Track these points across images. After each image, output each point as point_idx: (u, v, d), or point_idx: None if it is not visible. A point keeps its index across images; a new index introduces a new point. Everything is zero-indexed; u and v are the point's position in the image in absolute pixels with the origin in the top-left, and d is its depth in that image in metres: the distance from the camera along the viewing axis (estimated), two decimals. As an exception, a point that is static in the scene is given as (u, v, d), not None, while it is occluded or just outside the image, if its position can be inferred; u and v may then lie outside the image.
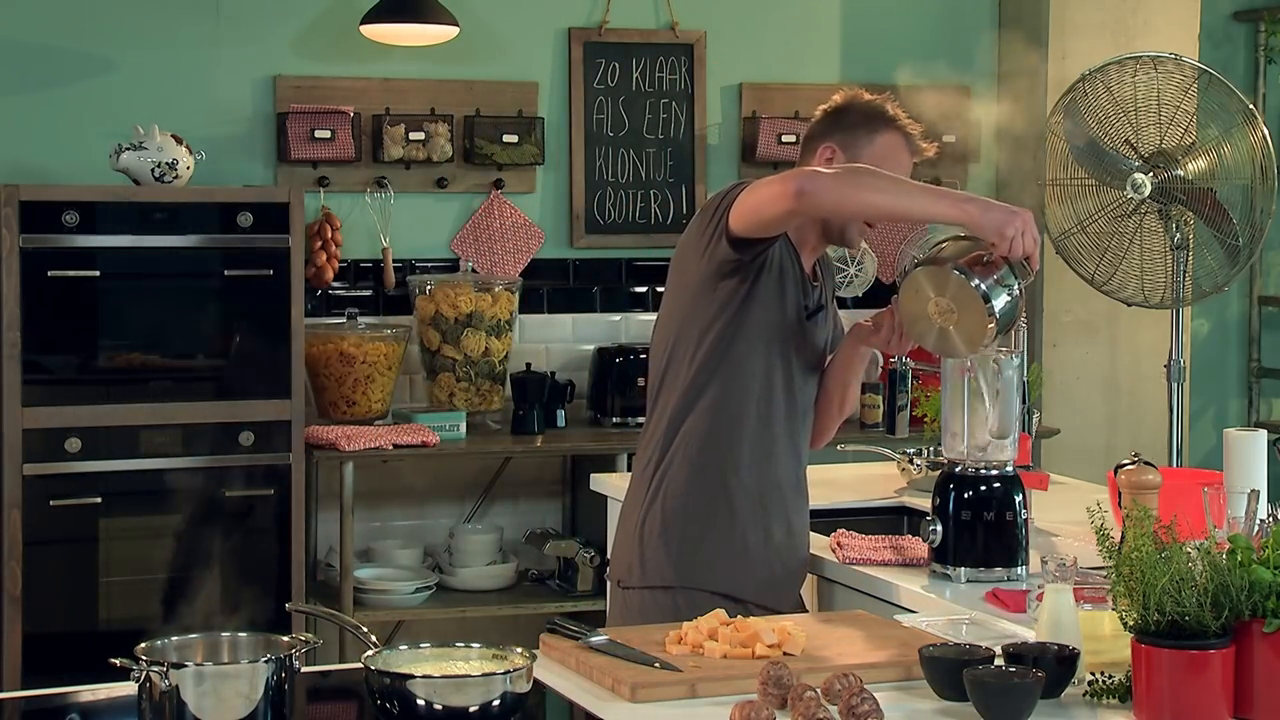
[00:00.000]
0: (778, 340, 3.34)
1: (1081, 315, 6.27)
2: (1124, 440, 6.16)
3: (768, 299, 3.31)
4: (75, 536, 5.13)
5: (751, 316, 3.31)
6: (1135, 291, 5.59)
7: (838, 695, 2.37)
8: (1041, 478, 4.05)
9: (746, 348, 3.31)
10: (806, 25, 6.29)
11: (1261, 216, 5.39)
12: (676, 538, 3.33)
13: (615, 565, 3.43)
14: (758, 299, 3.30)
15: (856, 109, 3.45)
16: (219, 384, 5.24)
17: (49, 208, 5.03)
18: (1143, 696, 2.40)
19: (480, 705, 2.33)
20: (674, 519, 3.33)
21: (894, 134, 3.43)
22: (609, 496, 4.52)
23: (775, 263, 3.32)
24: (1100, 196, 5.53)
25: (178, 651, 2.41)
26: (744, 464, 3.34)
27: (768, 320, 3.32)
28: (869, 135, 3.40)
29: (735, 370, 3.32)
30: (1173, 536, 2.42)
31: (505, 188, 5.93)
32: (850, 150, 3.38)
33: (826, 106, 3.50)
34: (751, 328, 3.31)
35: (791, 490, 3.41)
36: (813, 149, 3.44)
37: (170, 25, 5.64)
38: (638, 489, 3.41)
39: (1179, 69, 5.47)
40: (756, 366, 3.32)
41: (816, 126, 3.48)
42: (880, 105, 3.46)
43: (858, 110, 3.45)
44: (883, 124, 3.42)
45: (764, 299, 3.31)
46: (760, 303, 3.31)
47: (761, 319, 3.31)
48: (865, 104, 3.46)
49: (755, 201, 3.19)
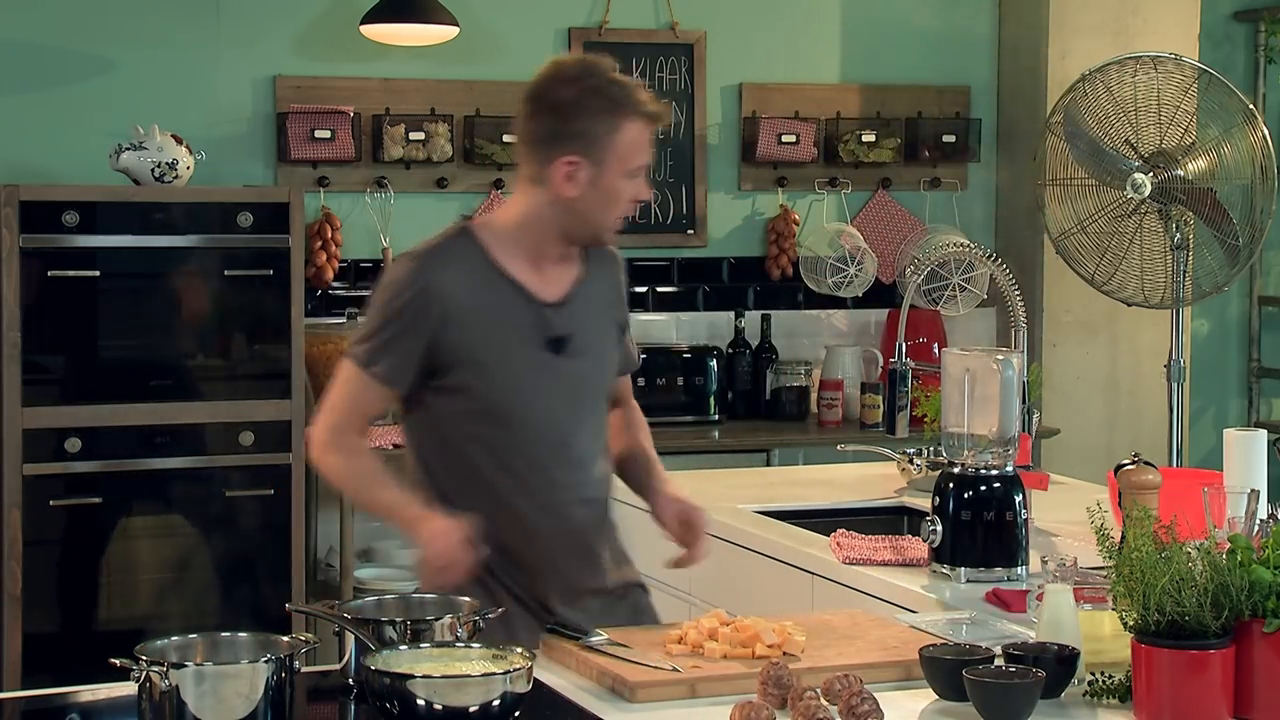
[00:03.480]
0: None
1: (1081, 315, 6.27)
2: (1124, 440, 6.16)
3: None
4: (75, 536, 5.13)
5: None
6: (1135, 291, 5.59)
7: (838, 695, 2.37)
8: (1041, 478, 4.05)
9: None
10: (806, 25, 6.29)
11: (1261, 216, 5.40)
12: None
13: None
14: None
15: (581, 107, 2.99)
16: (219, 384, 5.24)
17: (49, 208, 5.03)
18: (1143, 696, 2.40)
19: (480, 705, 2.33)
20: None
21: (634, 123, 3.01)
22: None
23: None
24: (1100, 196, 5.54)
25: (178, 651, 2.41)
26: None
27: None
28: (611, 135, 2.99)
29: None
30: (1173, 536, 2.42)
31: (505, 188, 5.93)
32: (594, 158, 2.99)
33: (536, 100, 3.05)
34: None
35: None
36: (545, 160, 3.01)
37: (170, 25, 5.64)
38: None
39: (1179, 69, 5.47)
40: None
41: (535, 128, 3.04)
42: (607, 91, 3.00)
43: (584, 108, 2.99)
44: (621, 117, 2.99)
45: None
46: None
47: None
48: (590, 96, 2.99)
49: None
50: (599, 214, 3.05)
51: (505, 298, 3.06)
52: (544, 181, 3.04)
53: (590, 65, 3.06)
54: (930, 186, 6.38)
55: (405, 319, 3.03)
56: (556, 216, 3.05)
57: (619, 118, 3.00)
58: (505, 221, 3.13)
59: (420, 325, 3.02)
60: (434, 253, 3.08)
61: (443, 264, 3.05)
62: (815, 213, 6.29)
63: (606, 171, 3.01)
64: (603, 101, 3.00)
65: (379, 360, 3.05)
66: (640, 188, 3.06)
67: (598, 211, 3.05)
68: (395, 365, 3.04)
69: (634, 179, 3.04)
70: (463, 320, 3.02)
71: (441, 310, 3.01)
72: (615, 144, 3.00)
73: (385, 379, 3.06)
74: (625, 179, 3.03)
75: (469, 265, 3.06)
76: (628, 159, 3.02)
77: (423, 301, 3.02)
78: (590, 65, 3.06)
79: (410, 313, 3.02)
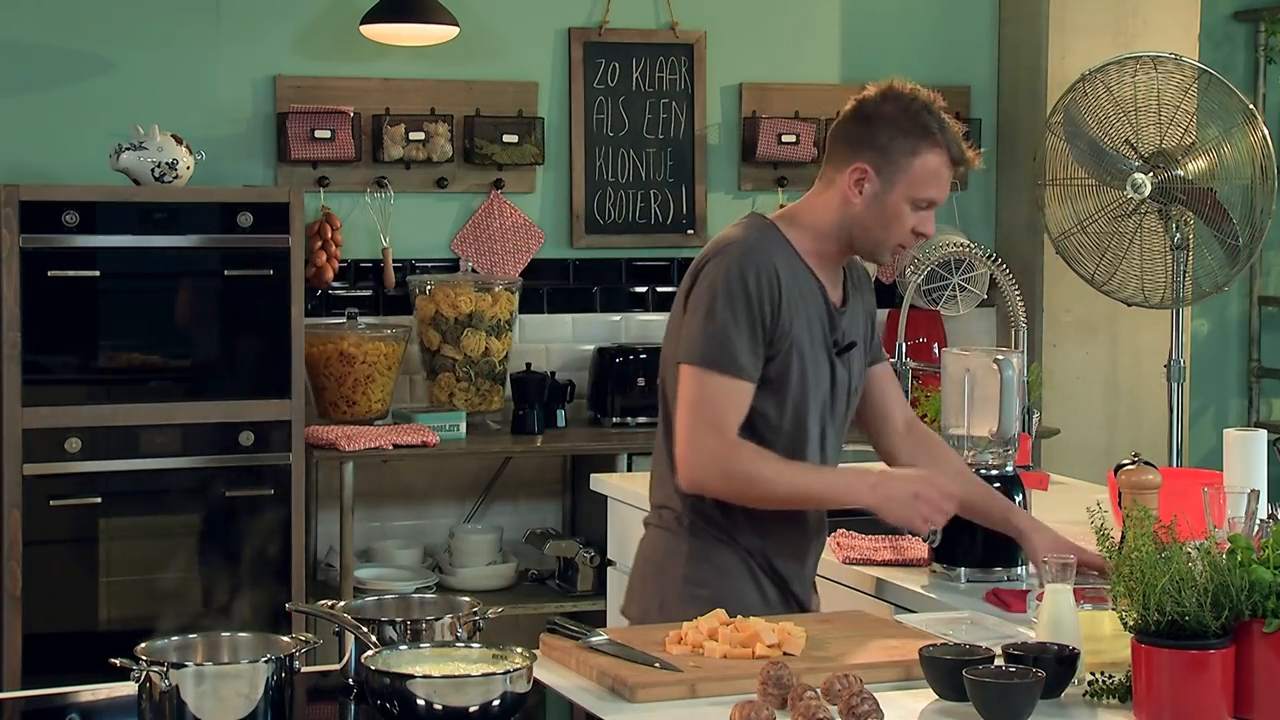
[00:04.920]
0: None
1: (1081, 315, 6.27)
2: (1124, 440, 6.16)
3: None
4: (75, 536, 5.13)
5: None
6: (1135, 291, 5.59)
7: (838, 695, 2.37)
8: (1041, 478, 4.05)
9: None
10: (806, 25, 6.29)
11: (1261, 216, 5.40)
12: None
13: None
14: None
15: (892, 122, 3.08)
16: (219, 384, 5.24)
17: (49, 208, 5.03)
18: (1143, 696, 2.40)
19: (480, 705, 2.33)
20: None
21: (935, 154, 3.08)
22: (609, 497, 4.52)
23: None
24: (1100, 196, 5.54)
25: (178, 651, 2.41)
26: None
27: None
28: (908, 158, 3.06)
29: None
30: (1173, 536, 2.42)
31: (505, 188, 5.93)
32: (885, 174, 3.07)
33: (856, 105, 3.14)
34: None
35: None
36: (843, 163, 3.11)
37: (170, 25, 5.64)
38: None
39: (1179, 69, 5.47)
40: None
41: (845, 130, 3.13)
42: (920, 117, 3.08)
43: (894, 124, 3.08)
44: (924, 144, 3.07)
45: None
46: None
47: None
48: (903, 116, 3.08)
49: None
50: (877, 230, 3.11)
51: (809, 291, 3.12)
52: (836, 184, 3.12)
53: (919, 94, 3.12)
54: (930, 186, 6.38)
55: (754, 308, 3.04)
56: (840, 221, 3.11)
57: (921, 143, 3.07)
58: (798, 217, 3.17)
59: (764, 311, 3.04)
60: (756, 242, 3.09)
61: (768, 254, 3.08)
62: (815, 213, 6.29)
63: (893, 191, 3.08)
64: (912, 124, 3.08)
65: (740, 355, 3.04)
66: (925, 222, 3.11)
67: (876, 228, 3.10)
68: (754, 356, 3.05)
69: (919, 210, 3.09)
70: (788, 309, 3.07)
71: (776, 296, 3.05)
72: (909, 167, 3.07)
73: (751, 373, 3.05)
74: (909, 206, 3.09)
75: (785, 256, 3.10)
76: (916, 186, 3.07)
77: (768, 286, 3.05)
78: (919, 94, 3.12)
79: (757, 300, 3.04)
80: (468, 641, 2.56)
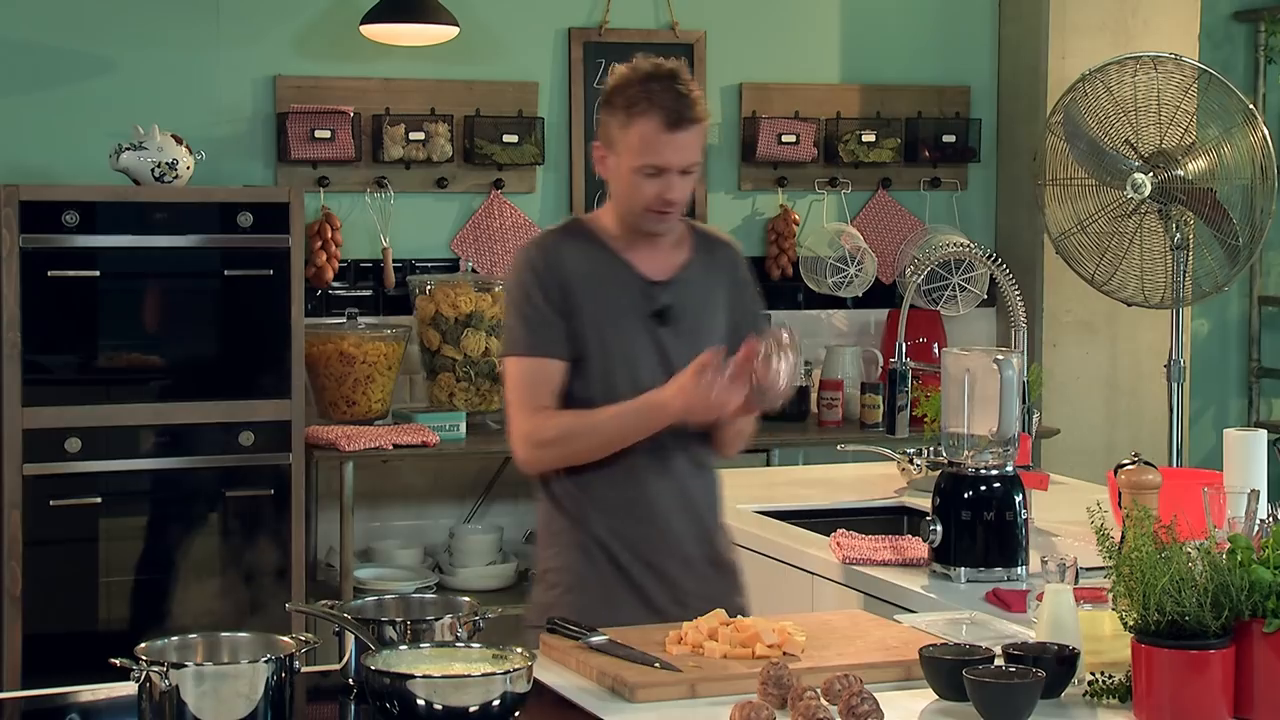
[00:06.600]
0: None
1: (1081, 315, 6.27)
2: (1124, 440, 6.16)
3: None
4: (75, 536, 5.13)
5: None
6: (1135, 291, 5.59)
7: (838, 695, 2.37)
8: (1041, 478, 4.05)
9: None
10: (806, 25, 6.29)
11: (1261, 216, 5.40)
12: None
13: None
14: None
15: (607, 102, 3.23)
16: (219, 384, 5.23)
17: (49, 208, 5.03)
18: (1143, 696, 2.40)
19: (480, 705, 2.33)
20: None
21: (645, 122, 3.17)
22: (609, 496, 4.51)
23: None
24: (1100, 196, 5.54)
25: (178, 651, 2.41)
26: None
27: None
28: (622, 131, 3.19)
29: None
30: (1173, 536, 2.42)
31: (505, 188, 5.93)
32: (612, 148, 3.22)
33: (607, 81, 3.29)
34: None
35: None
36: (595, 141, 3.31)
37: (170, 25, 5.64)
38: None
39: (1179, 69, 5.48)
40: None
41: (600, 107, 3.31)
42: (627, 91, 3.20)
43: (609, 104, 3.22)
44: (633, 115, 3.18)
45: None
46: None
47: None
48: (615, 94, 3.21)
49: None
50: (625, 200, 3.25)
51: (613, 269, 3.28)
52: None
53: (638, 67, 3.24)
54: (930, 186, 6.38)
55: (536, 293, 3.25)
56: (613, 199, 3.30)
57: (630, 115, 3.19)
58: (610, 206, 3.34)
59: (549, 294, 3.25)
60: (542, 239, 3.36)
61: (553, 246, 3.30)
62: (815, 213, 6.30)
63: (620, 163, 3.22)
64: (622, 99, 3.20)
65: (528, 335, 3.28)
66: (670, 187, 3.20)
67: (623, 199, 3.26)
68: (545, 335, 3.25)
69: (653, 176, 3.19)
70: (580, 290, 3.25)
71: (559, 279, 3.25)
72: (625, 139, 3.19)
73: (541, 349, 3.27)
74: (639, 175, 3.20)
75: (579, 244, 3.30)
76: (635, 155, 3.19)
77: (547, 272, 3.26)
78: (638, 67, 3.24)
79: (539, 286, 3.25)
80: (468, 642, 2.56)
